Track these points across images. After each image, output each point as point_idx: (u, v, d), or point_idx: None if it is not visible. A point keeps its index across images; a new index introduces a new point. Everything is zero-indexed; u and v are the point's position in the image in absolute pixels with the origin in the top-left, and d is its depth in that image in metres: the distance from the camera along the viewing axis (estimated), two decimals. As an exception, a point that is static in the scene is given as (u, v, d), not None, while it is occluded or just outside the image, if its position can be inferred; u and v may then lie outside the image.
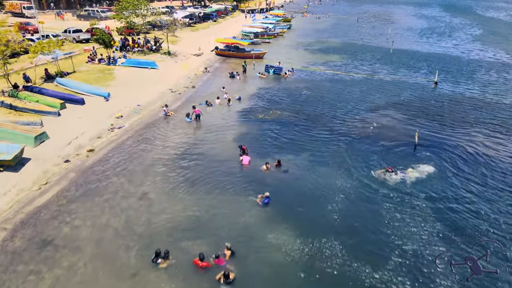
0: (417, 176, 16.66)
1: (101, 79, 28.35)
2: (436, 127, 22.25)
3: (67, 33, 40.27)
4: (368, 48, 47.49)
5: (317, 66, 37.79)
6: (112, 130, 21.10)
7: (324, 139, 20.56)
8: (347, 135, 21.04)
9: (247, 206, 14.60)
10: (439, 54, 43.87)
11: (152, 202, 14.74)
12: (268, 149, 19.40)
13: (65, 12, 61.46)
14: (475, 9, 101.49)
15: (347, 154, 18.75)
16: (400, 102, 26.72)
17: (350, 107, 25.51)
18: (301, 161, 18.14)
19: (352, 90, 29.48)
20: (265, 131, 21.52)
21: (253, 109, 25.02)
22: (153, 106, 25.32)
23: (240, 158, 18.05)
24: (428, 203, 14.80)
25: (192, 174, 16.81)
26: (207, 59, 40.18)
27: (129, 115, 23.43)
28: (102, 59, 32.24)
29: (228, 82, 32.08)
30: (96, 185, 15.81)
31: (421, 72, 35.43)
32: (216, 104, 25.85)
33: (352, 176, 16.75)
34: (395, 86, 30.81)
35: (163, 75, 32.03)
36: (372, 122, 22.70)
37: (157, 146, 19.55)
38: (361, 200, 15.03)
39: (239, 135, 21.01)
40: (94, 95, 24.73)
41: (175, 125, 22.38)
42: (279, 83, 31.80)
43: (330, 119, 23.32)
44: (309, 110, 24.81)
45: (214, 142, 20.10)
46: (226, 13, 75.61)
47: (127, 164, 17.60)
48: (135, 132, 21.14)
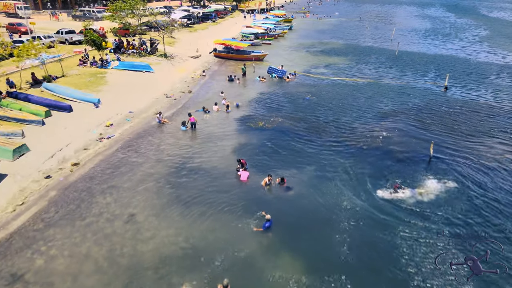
0: (427, 194, 14.98)
1: (92, 83, 26.75)
2: (450, 137, 20.59)
3: (59, 34, 38.74)
4: (373, 50, 45.90)
5: (320, 69, 36.19)
6: (100, 140, 19.50)
7: (329, 150, 18.95)
8: (354, 146, 19.43)
9: (247, 230, 13.01)
10: (446, 57, 42.25)
11: (140, 226, 13.15)
12: (269, 162, 17.80)
13: (60, 13, 59.90)
14: (479, 10, 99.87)
15: (355, 169, 17.14)
16: (410, 108, 25.09)
17: (356, 114, 23.89)
18: (304, 176, 16.54)
19: (357, 95, 27.87)
20: (265, 141, 19.92)
21: (253, 116, 23.41)
22: (146, 113, 23.71)
23: (238, 173, 16.49)
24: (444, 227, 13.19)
25: (185, 192, 15.23)
26: (205, 61, 38.61)
27: (120, 123, 21.83)
28: (94, 62, 30.65)
29: (226, 86, 30.49)
30: (79, 205, 14.20)
31: (429, 76, 33.80)
32: (214, 111, 24.26)
33: (360, 194, 15.14)
34: (403, 91, 29.19)
35: (158, 79, 30.44)
36: (381, 131, 21.09)
37: (148, 159, 17.95)
38: (370, 226, 13.33)
39: (238, 146, 19.42)
40: (83, 102, 23.13)
41: (169, 135, 20.79)
42: (280, 88, 30.21)
43: (335, 128, 21.71)
44: (312, 118, 23.21)
45: (211, 154, 18.50)
46: (225, 14, 74.00)
47: (114, 180, 16.00)
48: (125, 143, 19.54)
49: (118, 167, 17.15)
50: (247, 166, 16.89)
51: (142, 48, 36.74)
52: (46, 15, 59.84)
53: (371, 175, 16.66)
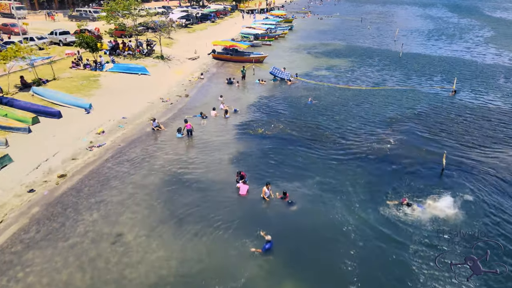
0: (439, 210, 13.75)
1: (84, 87, 25.59)
2: (463, 147, 19.35)
3: (53, 35, 37.55)
4: (376, 52, 44.73)
5: (322, 72, 35.03)
6: (90, 149, 18.34)
7: (334, 160, 17.79)
8: (360, 156, 18.26)
9: (245, 252, 11.86)
10: (451, 59, 41.04)
11: (128, 248, 12.00)
12: (269, 173, 16.65)
13: (56, 13, 58.68)
14: (482, 10, 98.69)
15: (362, 181, 16.00)
16: (417, 114, 23.90)
17: (361, 121, 22.71)
18: (307, 189, 15.38)
19: (361, 100, 26.67)
20: (266, 150, 18.77)
21: (252, 122, 22.26)
22: (141, 119, 22.55)
23: (237, 186, 15.34)
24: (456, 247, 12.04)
25: (179, 207, 14.11)
26: (203, 63, 37.45)
27: (112, 130, 20.67)
28: (88, 64, 29.48)
29: (225, 89, 29.35)
30: (63, 223, 13.05)
31: (435, 80, 32.58)
32: (211, 116, 23.11)
33: (367, 211, 14.00)
34: (409, 95, 28.00)
35: (154, 82, 29.28)
36: (388, 139, 19.93)
37: (141, 169, 16.80)
38: (378, 248, 12.17)
39: (237, 154, 18.27)
40: (74, 107, 21.96)
41: (164, 142, 19.64)
42: (281, 91, 29.05)
43: (339, 135, 20.54)
44: (315, 124, 22.04)
45: (207, 164, 17.35)
46: (225, 14, 72.80)
47: (103, 194, 14.86)
48: (117, 152, 18.38)
49: (108, 178, 16.01)
50: (246, 179, 15.75)
51: (138, 50, 35.59)
52: (42, 15, 58.64)
53: (379, 189, 15.52)
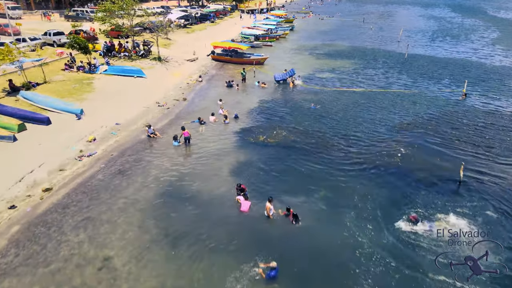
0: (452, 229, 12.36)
1: (76, 91, 24.36)
2: (480, 156, 18.01)
3: (47, 36, 36.23)
4: (380, 53, 43.48)
5: (325, 74, 33.79)
6: (80, 159, 17.12)
7: (341, 172, 16.56)
8: (369, 166, 17.02)
9: (247, 280, 10.64)
10: (459, 60, 39.73)
11: (116, 275, 10.77)
12: (272, 186, 15.44)
13: (52, 13, 57.41)
14: (485, 10, 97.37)
15: (372, 195, 14.78)
16: (428, 120, 22.64)
17: (368, 127, 21.46)
18: (313, 205, 14.17)
19: (367, 105, 25.41)
20: (268, 160, 17.54)
21: (253, 129, 21.03)
22: (135, 125, 21.32)
23: (237, 198, 14.16)
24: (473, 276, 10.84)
25: (174, 225, 12.93)
26: (202, 65, 36.21)
27: (104, 137, 19.44)
28: (82, 67, 28.26)
29: (225, 92, 28.13)
30: (45, 245, 11.83)
31: (444, 82, 31.26)
32: (210, 122, 21.90)
33: (379, 229, 12.79)
34: (418, 99, 26.72)
35: (151, 85, 28.06)
36: (398, 148, 18.69)
37: (133, 182, 15.57)
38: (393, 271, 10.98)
39: (237, 165, 17.05)
40: (64, 112, 20.74)
41: (159, 151, 18.41)
42: (283, 95, 27.84)
43: (346, 144, 19.31)
44: (319, 131, 20.79)
45: (206, 176, 16.13)
46: (224, 14, 71.55)
47: (91, 210, 13.63)
48: (108, 162, 17.15)
49: (97, 192, 14.78)
50: (247, 192, 14.53)
51: (134, 51, 34.37)
52: (38, 16, 57.38)
53: (392, 203, 14.30)
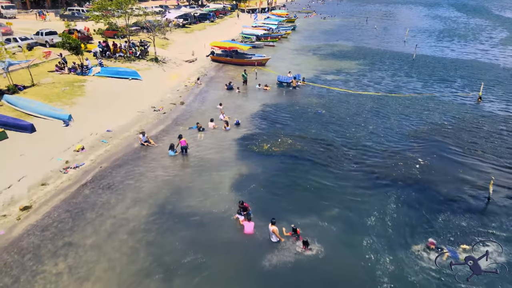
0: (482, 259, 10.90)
1: (66, 94, 22.71)
2: (507, 168, 16.49)
3: (39, 35, 34.60)
4: (386, 53, 41.84)
5: (330, 76, 32.17)
6: (65, 171, 15.48)
7: (355, 186, 14.94)
8: (385, 179, 15.41)
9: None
10: (469, 61, 38.04)
11: (98, 317, 9.14)
12: (278, 202, 13.86)
13: (47, 12, 55.75)
14: (490, 9, 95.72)
15: (390, 213, 13.19)
16: (444, 126, 21.01)
17: (380, 135, 19.84)
18: (325, 227, 12.54)
19: (377, 109, 23.79)
20: (273, 172, 15.93)
21: (256, 136, 19.40)
22: (128, 132, 19.68)
23: (236, 216, 12.56)
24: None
25: (169, 252, 11.32)
26: (201, 66, 34.57)
27: (93, 146, 17.81)
28: (73, 68, 26.61)
29: (225, 95, 26.51)
30: (17, 278, 10.20)
31: (456, 85, 29.55)
32: (209, 128, 20.28)
33: (399, 256, 11.18)
34: (430, 103, 25.09)
35: (147, 87, 26.41)
36: (415, 158, 17.06)
37: (124, 198, 13.95)
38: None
39: (239, 178, 15.43)
40: (50, 118, 19.11)
41: (154, 162, 16.78)
42: (286, 98, 26.20)
43: (358, 153, 17.69)
44: (328, 139, 19.16)
45: (205, 192, 14.50)
46: (224, 13, 69.88)
47: (74, 233, 12.01)
48: (97, 174, 15.52)
49: (82, 211, 13.16)
50: (250, 212, 12.91)
51: (130, 52, 32.72)
52: (33, 15, 55.77)
53: (412, 224, 12.70)
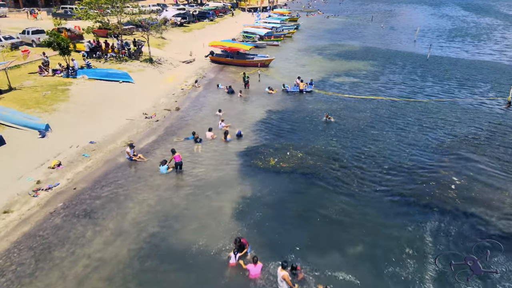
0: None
1: (47, 99, 20.23)
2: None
3: (25, 34, 32.18)
4: (397, 54, 39.31)
5: (340, 78, 29.68)
6: (35, 194, 13.02)
7: (380, 213, 12.46)
8: (417, 204, 12.91)
9: None
10: (486, 63, 35.43)
11: None
12: (289, 235, 11.37)
13: (39, 10, 53.29)
14: (498, 8, 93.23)
15: (426, 251, 10.71)
16: (474, 137, 18.47)
17: (403, 147, 17.33)
18: (349, 269, 10.04)
19: (395, 118, 21.21)
20: (282, 194, 13.46)
21: (261, 148, 16.92)
22: (114, 143, 17.21)
23: (229, 255, 10.08)
24: None
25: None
26: (199, 67, 32.11)
27: (72, 161, 15.34)
28: (58, 70, 24.15)
29: (225, 100, 24.07)
30: None
31: (479, 89, 26.82)
32: (207, 139, 17.82)
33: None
34: (453, 109, 22.52)
35: (139, 91, 23.95)
36: (449, 176, 14.55)
37: (103, 230, 11.48)
38: None
39: (241, 202, 12.96)
40: (25, 128, 16.63)
41: (142, 181, 14.30)
42: (293, 103, 23.70)
43: (379, 170, 15.19)
44: (343, 152, 16.65)
45: (201, 220, 12.03)
46: (224, 12, 67.40)
47: (36, 280, 9.56)
48: (73, 198, 13.05)
49: (50, 248, 10.69)
50: (249, 250, 10.45)
51: (123, 52, 30.24)
52: (25, 14, 53.35)
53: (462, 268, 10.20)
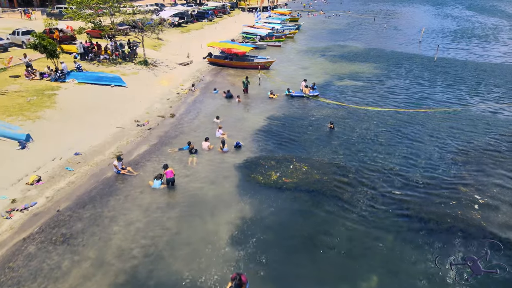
0: None
1: (31, 106, 18.79)
2: None
3: (15, 35, 30.76)
4: (402, 56, 37.86)
5: (344, 82, 28.26)
6: (9, 215, 11.60)
7: (395, 239, 11.04)
8: (436, 227, 11.50)
9: None
10: (498, 65, 33.84)
11: None
12: (294, 266, 9.95)
13: (33, 10, 51.86)
14: (502, 8, 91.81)
15: (450, 284, 9.27)
16: (494, 148, 16.95)
17: (416, 161, 15.80)
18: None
19: (405, 127, 19.70)
20: (285, 216, 12.04)
21: (261, 161, 15.48)
22: (102, 155, 15.77)
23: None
24: None
25: None
26: (197, 69, 30.69)
27: (54, 176, 13.91)
28: (45, 74, 22.71)
29: (223, 106, 22.62)
30: None
31: (493, 94, 25.21)
32: (204, 150, 16.39)
33: None
34: (468, 117, 21.10)
35: (132, 96, 22.51)
36: (471, 194, 13.13)
37: (82, 261, 10.05)
38: None
39: (239, 225, 11.53)
40: (3, 138, 15.19)
41: (131, 199, 12.88)
42: (296, 109, 22.23)
43: (392, 186, 13.77)
44: (351, 166, 15.21)
45: (194, 247, 10.61)
46: (223, 12, 65.99)
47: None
48: (51, 220, 11.62)
49: (19, 283, 9.24)
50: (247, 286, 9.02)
51: (117, 53, 28.81)
52: (19, 14, 51.94)
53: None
